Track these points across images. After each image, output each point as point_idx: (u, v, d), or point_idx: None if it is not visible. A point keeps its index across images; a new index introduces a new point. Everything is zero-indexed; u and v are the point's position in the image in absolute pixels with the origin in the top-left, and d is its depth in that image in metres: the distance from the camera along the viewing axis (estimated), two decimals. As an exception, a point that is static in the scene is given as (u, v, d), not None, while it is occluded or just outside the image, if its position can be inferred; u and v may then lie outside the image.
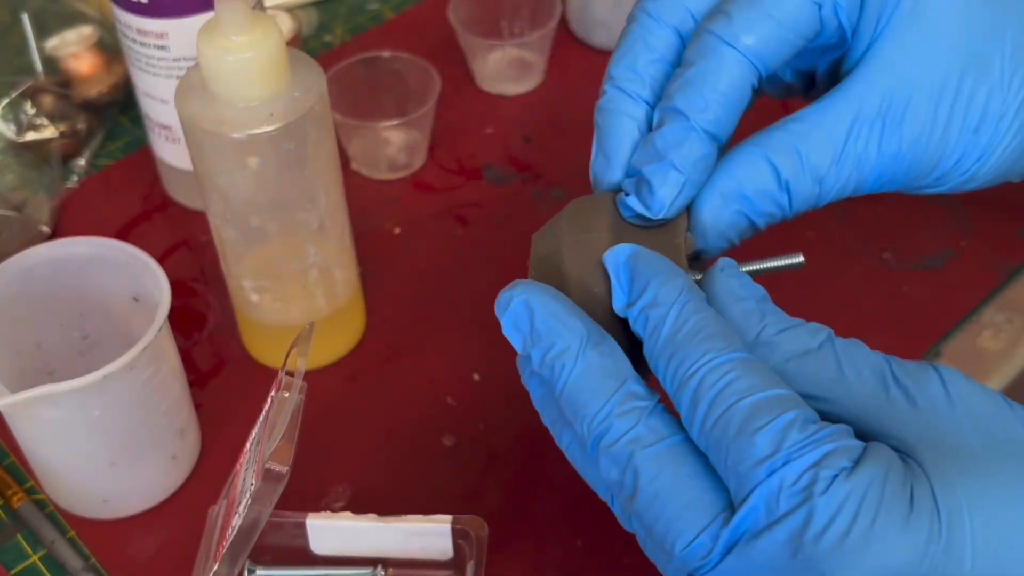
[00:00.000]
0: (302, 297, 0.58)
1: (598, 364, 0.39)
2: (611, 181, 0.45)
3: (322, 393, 0.59)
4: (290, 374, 0.46)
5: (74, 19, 0.75)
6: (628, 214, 0.43)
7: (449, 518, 0.50)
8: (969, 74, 0.44)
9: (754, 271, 0.44)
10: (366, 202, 0.69)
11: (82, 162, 0.72)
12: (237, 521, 0.46)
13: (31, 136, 0.71)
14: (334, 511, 0.53)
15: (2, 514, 0.56)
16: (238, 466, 0.49)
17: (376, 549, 0.51)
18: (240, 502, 0.46)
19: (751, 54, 0.42)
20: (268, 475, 0.44)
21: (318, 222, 0.55)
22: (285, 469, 0.44)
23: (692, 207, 0.44)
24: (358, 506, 0.54)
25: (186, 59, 0.61)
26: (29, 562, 0.54)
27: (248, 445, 0.49)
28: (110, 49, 0.74)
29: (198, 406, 0.58)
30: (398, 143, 0.70)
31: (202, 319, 0.64)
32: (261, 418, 0.48)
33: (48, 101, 0.71)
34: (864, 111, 0.44)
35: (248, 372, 0.61)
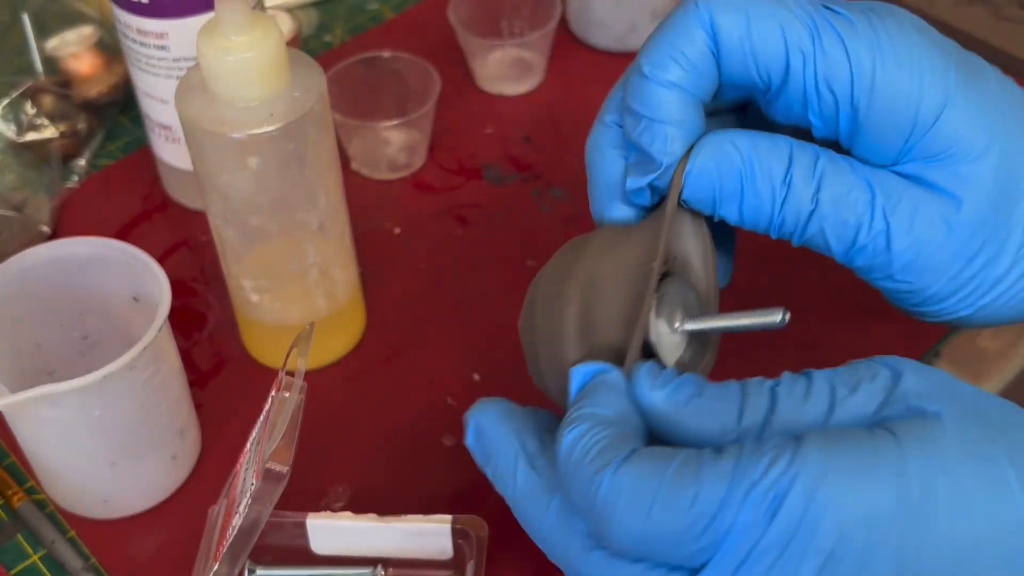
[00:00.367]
0: (302, 297, 0.58)
1: (534, 482, 0.42)
2: (610, 216, 0.46)
3: (322, 393, 0.59)
4: (290, 374, 0.46)
5: (74, 19, 0.75)
6: (637, 199, 0.45)
7: (449, 518, 0.50)
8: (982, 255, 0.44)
9: (722, 328, 0.43)
10: (366, 202, 0.69)
11: (82, 162, 0.72)
12: (237, 521, 0.46)
13: (31, 136, 0.71)
14: (334, 511, 0.53)
15: (2, 514, 0.56)
16: (238, 466, 0.49)
17: (376, 549, 0.51)
18: (240, 502, 0.46)
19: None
20: (268, 475, 0.44)
21: (318, 222, 0.55)
22: (285, 469, 0.44)
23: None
24: (358, 506, 0.54)
25: (186, 59, 0.61)
26: (29, 562, 0.54)
27: (248, 445, 0.49)
28: (110, 49, 0.74)
29: (198, 406, 0.58)
30: (398, 143, 0.70)
31: (202, 319, 0.64)
32: (261, 418, 0.48)
33: (48, 101, 0.71)
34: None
35: (248, 372, 0.61)
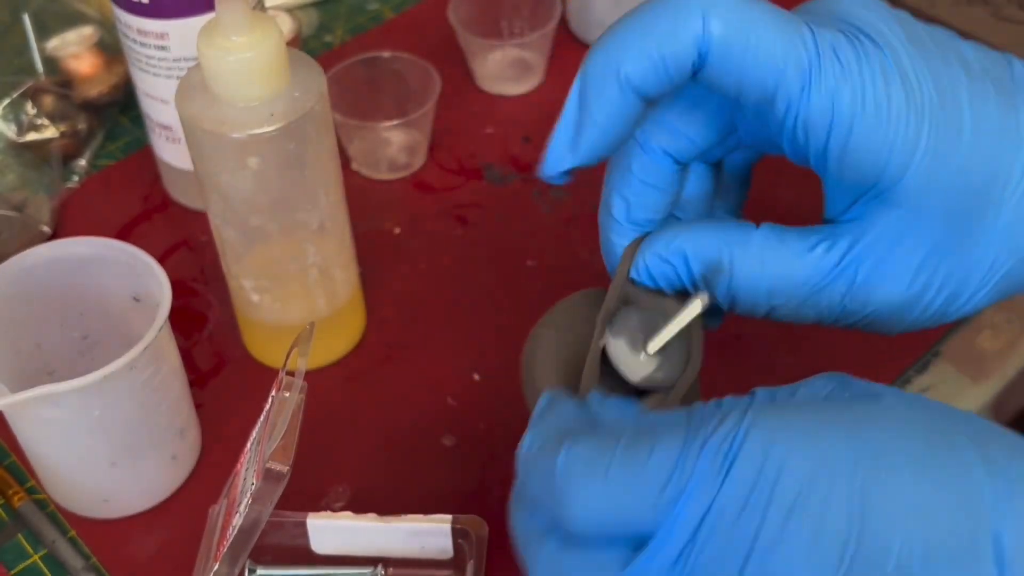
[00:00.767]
0: (302, 297, 0.58)
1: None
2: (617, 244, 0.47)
3: (322, 393, 0.59)
4: (290, 374, 0.46)
5: (74, 19, 0.75)
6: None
7: (449, 518, 0.51)
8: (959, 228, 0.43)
9: (667, 335, 0.44)
10: (366, 202, 0.69)
11: (83, 162, 0.72)
12: (238, 521, 0.46)
13: (32, 136, 0.71)
14: (334, 511, 0.53)
15: (3, 513, 0.56)
16: (238, 466, 0.49)
17: (376, 549, 0.51)
18: (241, 502, 0.46)
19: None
20: (269, 475, 0.44)
21: (318, 222, 0.55)
22: (285, 469, 0.44)
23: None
24: (358, 506, 0.54)
25: (186, 59, 0.61)
26: (30, 561, 0.54)
27: (248, 445, 0.49)
28: (110, 49, 0.74)
29: (198, 406, 0.58)
30: (398, 143, 0.71)
31: (202, 319, 0.64)
32: (261, 418, 0.48)
33: (49, 101, 0.71)
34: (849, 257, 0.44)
35: (248, 372, 0.61)
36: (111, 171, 0.72)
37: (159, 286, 0.52)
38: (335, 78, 0.69)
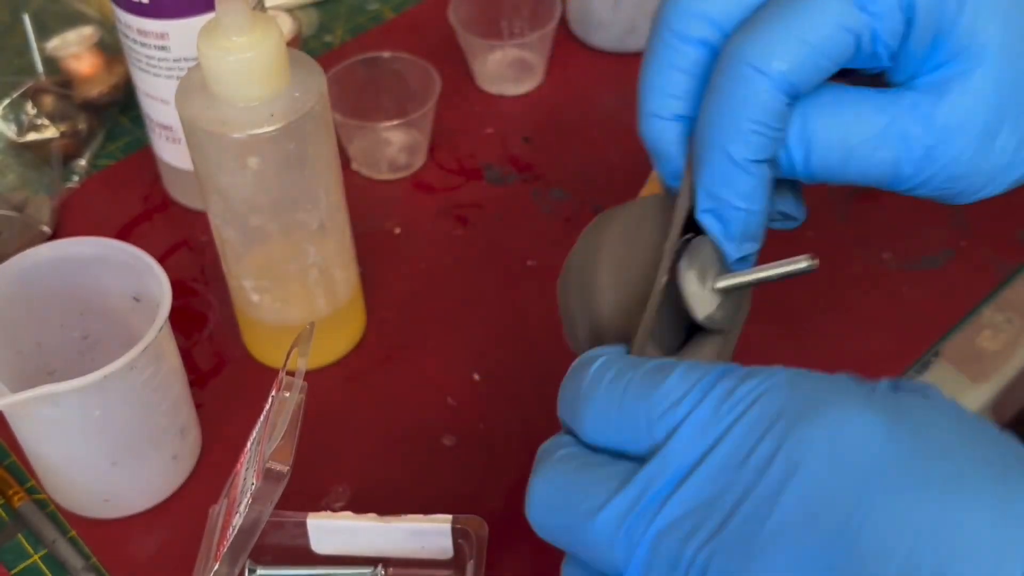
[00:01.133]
0: (302, 297, 0.58)
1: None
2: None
3: (322, 393, 0.59)
4: (290, 374, 0.46)
5: (75, 19, 0.75)
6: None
7: (449, 518, 0.51)
8: (1008, 120, 0.43)
9: (754, 281, 0.42)
10: (366, 202, 0.69)
11: (83, 162, 0.72)
12: (238, 521, 0.46)
13: (32, 136, 0.71)
14: (334, 511, 0.53)
15: (3, 514, 0.56)
16: (239, 466, 0.49)
17: (376, 549, 0.51)
18: (241, 502, 0.46)
19: (781, 79, 0.41)
20: (269, 475, 0.44)
21: (318, 222, 0.55)
22: (286, 469, 0.44)
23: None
24: (358, 506, 0.54)
25: (187, 59, 0.61)
26: (30, 561, 0.54)
27: (248, 445, 0.49)
28: (111, 49, 0.74)
29: (198, 406, 0.58)
30: (398, 143, 0.71)
31: (202, 319, 0.64)
32: (261, 418, 0.48)
33: (49, 101, 0.71)
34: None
35: (248, 372, 0.61)
36: (111, 171, 0.72)
37: (159, 286, 0.52)
38: (335, 78, 0.69)
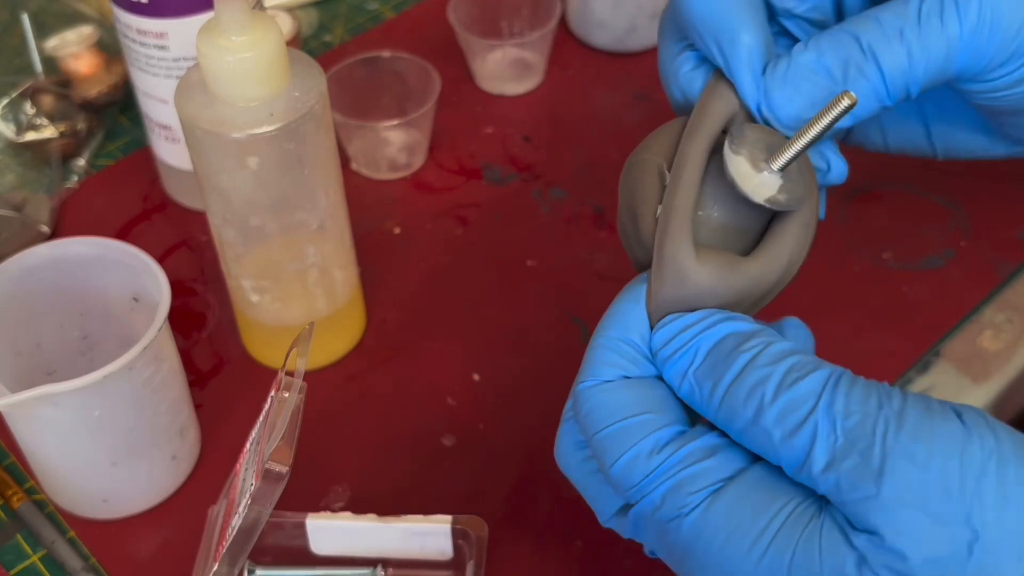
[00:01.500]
0: (302, 297, 0.58)
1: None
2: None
3: (322, 393, 0.59)
4: (290, 374, 0.46)
5: (74, 19, 0.75)
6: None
7: (449, 518, 0.50)
8: None
9: (804, 144, 0.39)
10: (366, 202, 0.69)
11: (82, 162, 0.72)
12: (237, 521, 0.46)
13: (31, 136, 0.71)
14: (334, 511, 0.53)
15: (2, 514, 0.56)
16: (238, 466, 0.49)
17: (376, 549, 0.51)
18: (240, 502, 0.46)
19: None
20: (268, 475, 0.44)
21: (318, 222, 0.55)
22: (285, 469, 0.44)
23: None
24: (358, 506, 0.54)
25: (186, 59, 0.61)
26: (29, 562, 0.54)
27: (248, 445, 0.49)
28: (110, 49, 0.74)
29: (198, 406, 0.58)
30: (398, 143, 0.70)
31: (202, 319, 0.64)
32: (261, 418, 0.48)
33: (48, 101, 0.71)
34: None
35: (248, 372, 0.61)
36: (111, 171, 0.72)
37: (159, 286, 0.52)
38: (335, 78, 0.69)
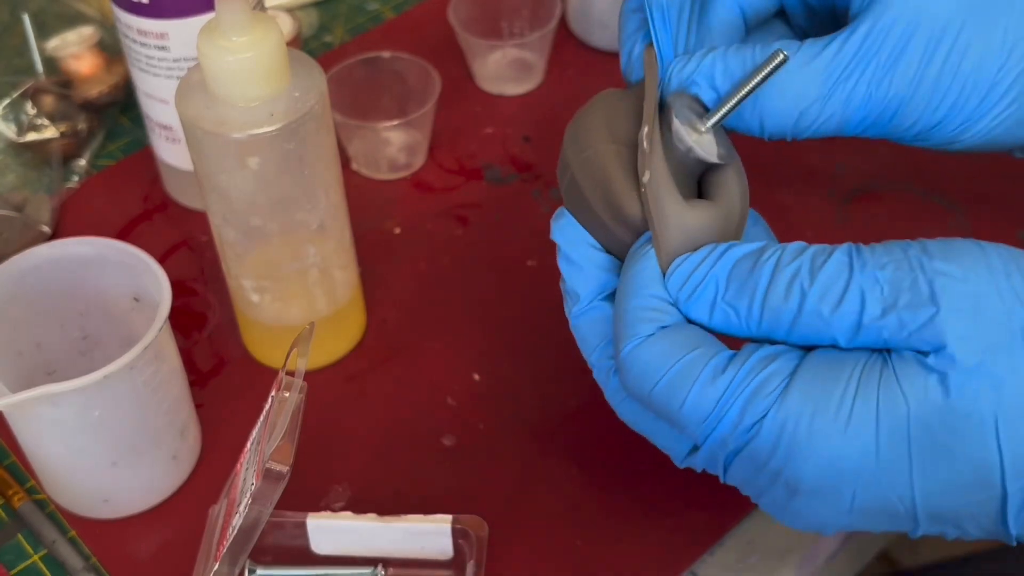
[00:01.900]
0: (302, 297, 0.58)
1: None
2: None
3: (322, 393, 0.59)
4: (290, 374, 0.46)
5: (74, 19, 0.75)
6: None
7: (449, 518, 0.51)
8: (968, 29, 0.42)
9: (740, 98, 0.43)
10: (366, 202, 0.69)
11: (83, 162, 0.72)
12: (237, 521, 0.46)
13: (32, 136, 0.71)
14: (334, 511, 0.53)
15: (3, 514, 0.56)
16: (238, 466, 0.49)
17: (376, 549, 0.51)
18: (240, 502, 0.46)
19: None
20: (268, 475, 0.44)
21: (318, 222, 0.55)
22: (285, 469, 0.44)
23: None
24: (358, 506, 0.54)
25: (186, 59, 0.61)
26: (30, 562, 0.54)
27: (248, 445, 0.49)
28: (110, 49, 0.74)
29: (199, 406, 0.58)
30: (398, 143, 0.71)
31: (202, 319, 0.64)
32: (261, 418, 0.48)
33: (49, 101, 0.71)
34: (861, 50, 0.43)
35: (248, 372, 0.61)
36: (111, 171, 0.72)
37: (159, 286, 0.52)
38: (335, 78, 0.69)
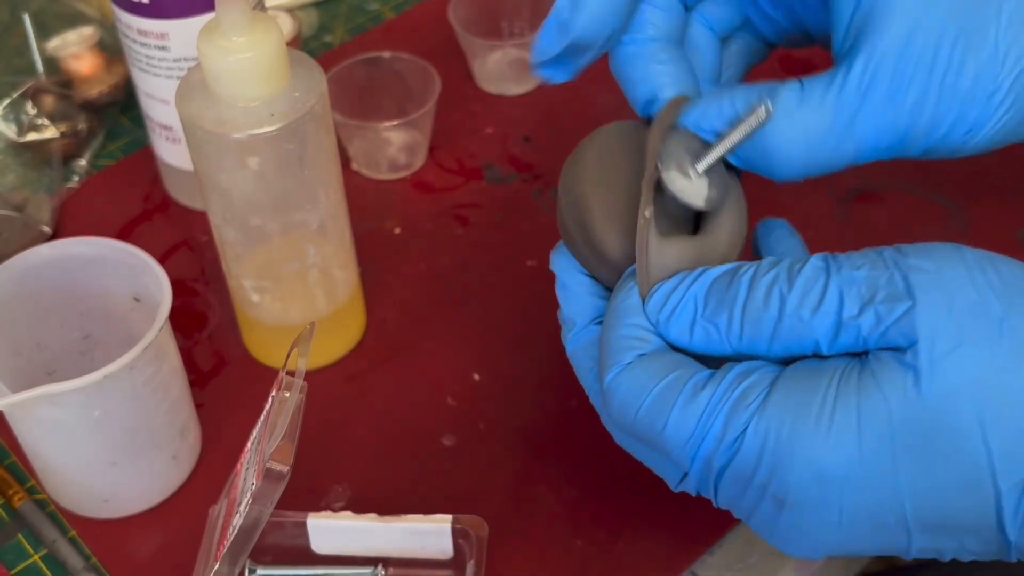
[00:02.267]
0: (302, 297, 0.58)
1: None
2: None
3: (322, 393, 0.59)
4: (291, 374, 0.46)
5: (75, 19, 0.75)
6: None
7: (449, 518, 0.51)
8: (959, 47, 0.43)
9: (727, 149, 0.44)
10: (366, 202, 0.69)
11: (83, 162, 0.72)
12: (238, 521, 0.46)
13: (32, 136, 0.71)
14: (334, 511, 0.53)
15: (3, 513, 0.56)
16: (239, 466, 0.49)
17: (376, 549, 0.51)
18: (241, 502, 0.46)
19: None
20: (269, 475, 0.44)
21: (318, 222, 0.55)
22: (286, 469, 0.44)
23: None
24: (358, 506, 0.54)
25: (187, 59, 0.61)
26: (30, 561, 0.54)
27: (249, 445, 0.49)
28: (111, 49, 0.74)
29: (199, 406, 0.58)
30: (398, 143, 0.71)
31: (203, 319, 0.64)
32: (262, 418, 0.48)
33: (49, 101, 0.71)
34: (860, 87, 0.43)
35: (248, 372, 0.61)
36: (111, 171, 0.72)
37: (159, 286, 0.52)
38: (335, 78, 0.69)
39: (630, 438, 0.45)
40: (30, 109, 0.71)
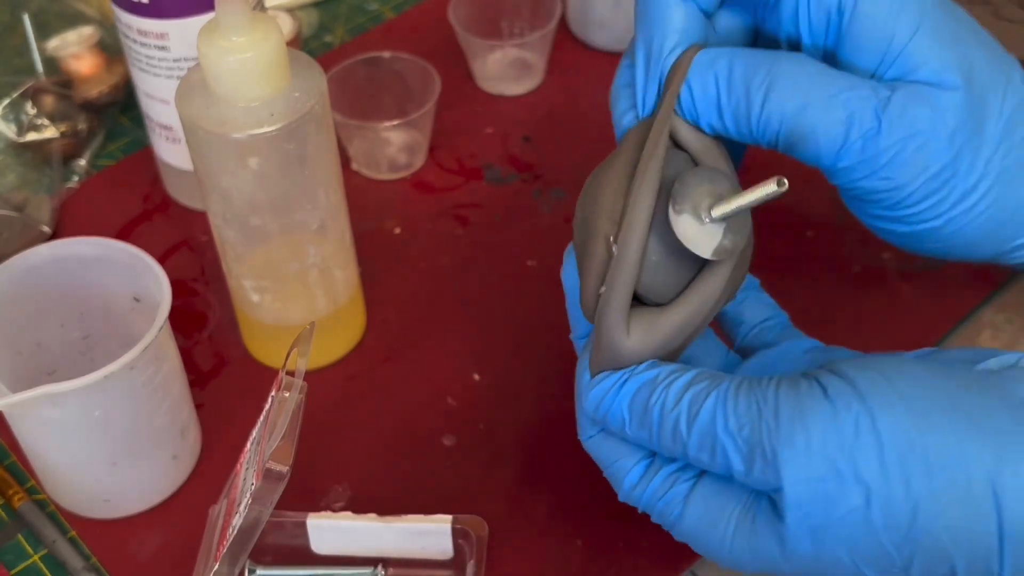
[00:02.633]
0: (302, 297, 0.58)
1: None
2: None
3: (322, 393, 0.59)
4: (290, 374, 0.46)
5: (75, 19, 0.75)
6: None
7: (449, 518, 0.51)
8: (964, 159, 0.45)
9: (745, 205, 0.41)
10: (366, 202, 0.69)
11: (83, 162, 0.72)
12: (238, 521, 0.46)
13: (32, 136, 0.71)
14: (334, 511, 0.53)
15: (3, 514, 0.56)
16: (239, 466, 0.49)
17: (376, 549, 0.51)
18: (241, 502, 0.46)
19: None
20: (269, 475, 0.44)
21: (318, 222, 0.55)
22: (285, 469, 0.44)
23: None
24: (358, 506, 0.54)
25: (187, 59, 0.61)
26: (30, 561, 0.54)
27: (248, 445, 0.49)
28: (111, 49, 0.74)
29: (199, 406, 0.58)
30: (398, 143, 0.71)
31: (203, 319, 0.64)
32: (261, 418, 0.48)
33: (49, 101, 0.72)
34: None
35: (249, 372, 0.61)
36: (111, 171, 0.72)
37: (159, 286, 0.52)
38: (335, 78, 0.69)
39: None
40: (30, 109, 0.71)
